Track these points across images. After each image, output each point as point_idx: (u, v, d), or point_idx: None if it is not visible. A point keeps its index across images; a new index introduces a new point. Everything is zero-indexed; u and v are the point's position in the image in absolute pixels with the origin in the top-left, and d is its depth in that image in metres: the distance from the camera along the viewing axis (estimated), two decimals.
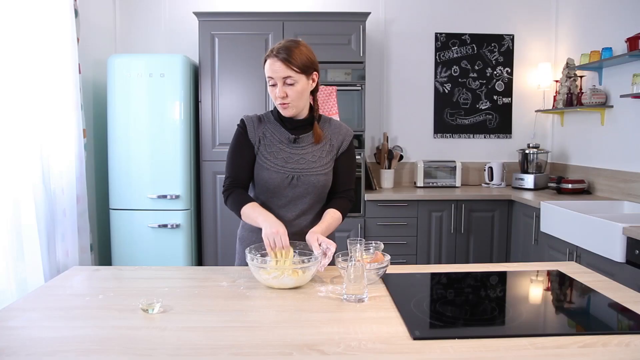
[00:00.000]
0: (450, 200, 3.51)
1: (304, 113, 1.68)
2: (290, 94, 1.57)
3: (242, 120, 1.71)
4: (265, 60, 1.59)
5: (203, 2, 3.86)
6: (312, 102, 1.70)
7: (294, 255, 1.51)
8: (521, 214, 3.42)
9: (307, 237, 1.53)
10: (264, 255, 1.49)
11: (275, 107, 1.69)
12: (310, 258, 1.43)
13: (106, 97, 3.30)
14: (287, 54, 1.54)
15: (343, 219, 1.70)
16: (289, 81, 1.56)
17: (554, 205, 2.93)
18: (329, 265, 1.65)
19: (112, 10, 3.82)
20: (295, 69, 1.55)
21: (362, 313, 1.24)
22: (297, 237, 1.60)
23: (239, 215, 1.65)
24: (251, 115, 1.73)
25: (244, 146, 1.69)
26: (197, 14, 3.38)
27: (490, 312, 1.30)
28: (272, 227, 1.50)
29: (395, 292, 1.38)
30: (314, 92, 1.69)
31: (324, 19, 3.40)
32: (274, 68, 1.55)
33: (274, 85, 1.58)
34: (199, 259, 3.52)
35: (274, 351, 1.02)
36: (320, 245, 1.48)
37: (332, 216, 1.65)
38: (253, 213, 1.59)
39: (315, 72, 1.63)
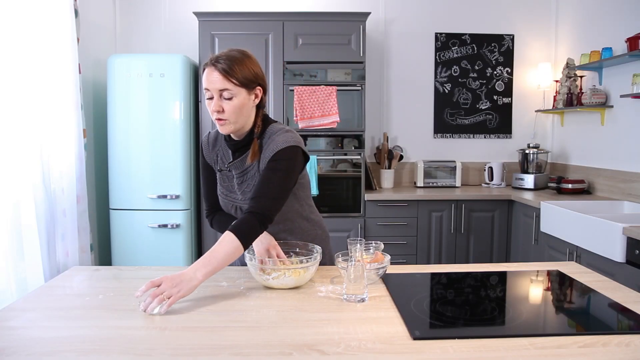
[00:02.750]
0: (450, 200, 3.51)
1: (244, 130, 1.50)
2: (226, 108, 1.41)
3: (200, 142, 1.66)
4: (204, 69, 1.42)
5: (203, 2, 3.86)
6: (256, 119, 1.51)
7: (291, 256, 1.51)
8: (521, 214, 3.42)
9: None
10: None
11: None
12: (310, 258, 1.43)
13: (106, 97, 3.30)
14: (227, 65, 1.39)
15: (244, 239, 1.35)
16: (225, 94, 1.40)
17: (554, 205, 2.93)
18: (329, 265, 1.65)
19: (112, 10, 3.82)
20: (233, 81, 1.39)
21: (362, 313, 1.24)
22: (285, 245, 1.57)
23: None
24: (211, 133, 1.65)
25: (206, 169, 1.66)
26: (197, 14, 3.38)
27: (490, 312, 1.30)
28: (262, 244, 1.48)
29: (395, 292, 1.38)
30: (259, 108, 1.52)
31: (324, 19, 3.40)
32: (210, 79, 1.40)
33: (210, 98, 1.42)
34: None
35: (274, 351, 1.02)
36: None
37: (217, 245, 1.34)
38: None
39: (259, 87, 1.47)
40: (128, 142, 3.28)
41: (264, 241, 1.50)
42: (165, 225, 3.31)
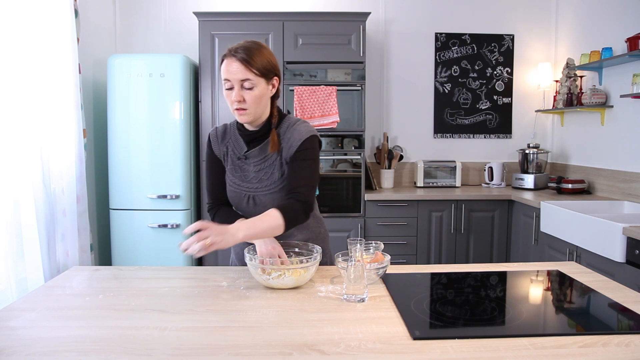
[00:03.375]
0: (450, 200, 3.51)
1: (261, 120, 1.55)
2: (247, 98, 1.45)
3: (208, 136, 1.67)
4: (222, 61, 1.46)
5: (203, 2, 3.86)
6: (272, 109, 1.57)
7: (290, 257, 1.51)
8: (521, 214, 3.42)
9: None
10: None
11: None
12: (310, 258, 1.43)
13: (106, 97, 3.30)
14: (247, 55, 1.43)
15: (288, 220, 1.42)
16: (246, 85, 1.44)
17: (554, 205, 2.93)
18: (329, 265, 1.65)
19: (112, 10, 3.82)
20: (254, 71, 1.43)
21: (362, 313, 1.24)
22: (286, 245, 1.57)
23: None
24: (218, 128, 1.66)
25: (213, 163, 1.65)
26: (197, 14, 3.38)
27: (490, 312, 1.30)
28: (265, 245, 1.48)
29: (395, 292, 1.38)
30: (274, 98, 1.56)
31: (324, 19, 3.40)
32: (231, 69, 1.43)
33: (230, 88, 1.45)
34: (199, 259, 3.52)
35: (274, 351, 1.02)
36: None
37: (264, 215, 1.42)
38: None
39: (276, 77, 1.51)
40: (128, 142, 3.28)
41: (267, 242, 1.49)
42: (165, 225, 3.31)
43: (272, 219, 1.40)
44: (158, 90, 3.26)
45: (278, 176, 1.56)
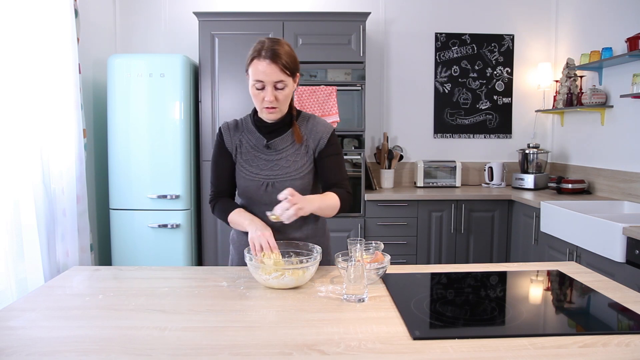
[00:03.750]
0: (450, 200, 3.51)
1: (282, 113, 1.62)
2: (280, 98, 1.52)
3: (219, 129, 1.69)
4: (251, 62, 1.50)
5: (203, 2, 3.86)
6: (291, 102, 1.64)
7: (282, 255, 1.51)
8: (521, 214, 3.42)
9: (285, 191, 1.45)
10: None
11: (253, 110, 1.66)
12: (310, 258, 1.43)
13: (106, 97, 3.30)
14: (278, 56, 1.48)
15: (342, 205, 1.60)
16: (279, 85, 1.50)
17: (554, 205, 2.93)
18: (329, 265, 1.65)
19: (112, 10, 3.82)
20: (287, 72, 1.49)
21: (362, 313, 1.24)
22: (285, 244, 1.58)
23: (227, 224, 1.65)
24: (229, 122, 1.70)
25: (223, 156, 1.68)
26: (197, 14, 3.38)
27: (490, 312, 1.30)
28: (257, 230, 1.50)
29: (395, 292, 1.38)
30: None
31: (324, 19, 3.40)
32: (265, 71, 1.48)
33: (261, 88, 1.51)
34: (199, 259, 3.52)
35: (274, 351, 1.02)
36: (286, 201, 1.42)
37: (327, 194, 1.58)
38: (239, 218, 1.59)
39: (298, 73, 1.58)
40: (128, 142, 3.28)
41: (259, 228, 1.52)
42: (165, 225, 3.31)
43: (334, 199, 1.57)
44: (158, 90, 3.26)
45: (301, 164, 1.63)
